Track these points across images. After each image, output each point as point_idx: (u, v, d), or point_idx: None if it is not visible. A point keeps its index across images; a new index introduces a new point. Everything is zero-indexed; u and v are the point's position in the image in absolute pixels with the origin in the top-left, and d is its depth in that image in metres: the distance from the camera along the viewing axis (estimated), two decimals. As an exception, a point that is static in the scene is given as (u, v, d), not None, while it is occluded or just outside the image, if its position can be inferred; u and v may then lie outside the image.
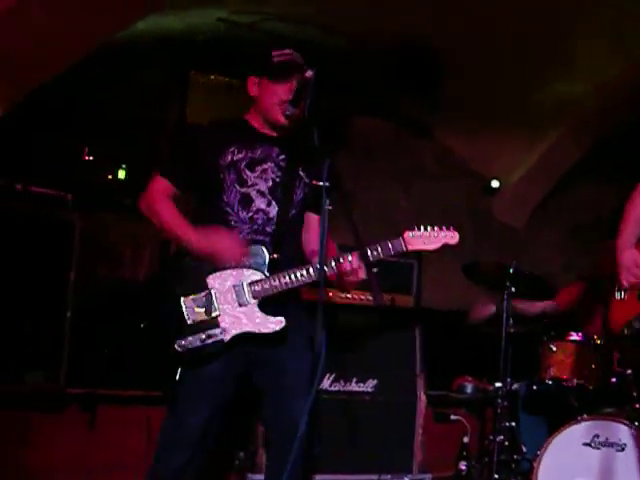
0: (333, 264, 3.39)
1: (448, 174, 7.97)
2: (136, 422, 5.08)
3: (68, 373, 4.97)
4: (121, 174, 6.40)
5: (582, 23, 5.70)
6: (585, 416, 4.69)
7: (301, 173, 3.63)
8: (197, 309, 3.43)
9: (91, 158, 5.98)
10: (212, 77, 6.92)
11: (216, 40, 6.31)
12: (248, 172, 3.53)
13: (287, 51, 3.58)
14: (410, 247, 3.48)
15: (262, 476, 4.85)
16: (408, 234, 3.49)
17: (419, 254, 4.36)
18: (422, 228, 3.50)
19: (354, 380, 5.16)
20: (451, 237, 3.53)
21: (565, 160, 7.86)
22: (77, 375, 5.06)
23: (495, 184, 7.96)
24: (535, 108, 7.13)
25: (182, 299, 3.44)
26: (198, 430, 3.46)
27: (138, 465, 4.92)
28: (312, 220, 3.69)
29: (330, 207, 3.04)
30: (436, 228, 3.51)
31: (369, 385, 5.19)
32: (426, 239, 3.49)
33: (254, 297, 3.43)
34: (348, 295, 5.13)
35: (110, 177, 6.37)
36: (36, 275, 4.79)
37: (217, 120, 3.74)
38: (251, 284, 3.44)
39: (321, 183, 3.06)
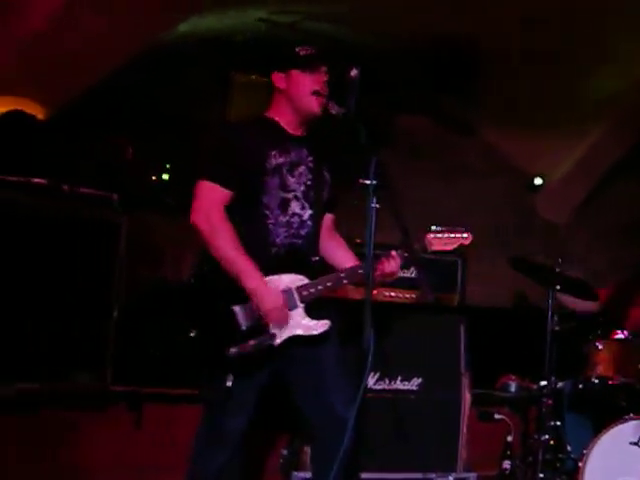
0: (359, 272, 3.47)
1: (492, 171, 7.95)
2: (183, 420, 5.11)
3: (114, 372, 5.01)
4: (165, 175, 6.45)
5: (626, 20, 5.63)
6: (632, 415, 4.64)
7: (325, 174, 3.65)
8: (248, 316, 3.44)
9: (135, 159, 6.02)
10: (253, 77, 6.94)
11: (256, 40, 6.33)
12: (289, 177, 3.54)
13: (310, 48, 3.58)
14: (433, 248, 3.65)
15: (307, 474, 4.88)
16: (430, 236, 3.64)
17: (461, 251, 4.35)
18: (442, 230, 3.66)
19: (399, 378, 5.14)
20: (465, 238, 3.71)
21: (608, 157, 7.80)
22: (123, 374, 5.10)
23: (538, 181, 7.91)
24: (578, 106, 7.09)
25: (234, 306, 3.44)
26: (239, 433, 3.51)
27: (185, 464, 4.98)
28: (326, 219, 3.74)
29: (378, 205, 3.05)
30: (451, 230, 3.68)
31: (414, 383, 5.17)
32: (446, 240, 3.66)
33: (302, 301, 3.46)
34: (392, 293, 5.14)
35: (154, 178, 6.41)
36: (83, 276, 4.83)
37: (252, 120, 3.70)
38: (298, 288, 3.46)
39: (368, 181, 3.06)
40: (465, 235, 3.71)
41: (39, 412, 4.69)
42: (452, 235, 3.68)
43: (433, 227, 3.66)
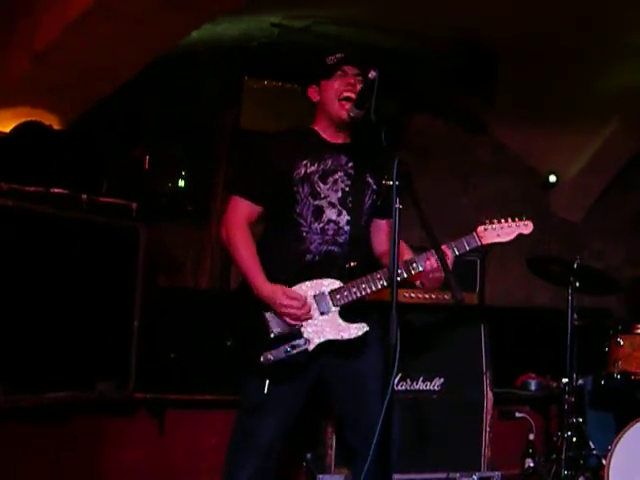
0: (414, 265, 3.42)
1: (506, 169, 7.94)
2: (205, 426, 5.14)
3: (137, 379, 5.03)
4: (181, 182, 6.46)
5: (638, 13, 5.62)
6: (656, 410, 4.65)
7: (369, 180, 3.64)
8: (280, 322, 3.45)
9: (152, 167, 6.04)
10: (265, 82, 6.95)
11: (270, 45, 6.34)
12: (321, 184, 3.54)
13: (339, 55, 3.61)
14: (485, 241, 3.48)
15: (332, 477, 4.90)
16: (481, 228, 3.48)
17: (481, 250, 4.34)
18: (495, 221, 3.50)
19: (420, 379, 5.15)
20: (525, 226, 3.52)
21: (622, 153, 7.77)
22: (145, 381, 5.12)
23: (553, 179, 7.89)
24: (591, 101, 7.06)
25: (265, 313, 3.46)
26: (269, 439, 3.51)
27: (207, 470, 5.01)
28: (380, 224, 3.72)
29: (401, 206, 3.05)
30: (509, 220, 3.51)
31: (436, 384, 5.18)
32: (500, 231, 3.48)
33: (335, 305, 3.46)
34: (412, 294, 5.14)
35: (170, 185, 6.43)
36: (104, 285, 4.85)
37: (286, 130, 3.73)
38: (331, 293, 3.46)
39: (391, 182, 3.06)
40: (525, 223, 3.52)
41: (66, 420, 4.73)
42: (508, 225, 3.50)
43: (491, 219, 3.50)
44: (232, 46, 6.37)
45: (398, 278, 3.33)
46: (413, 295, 5.14)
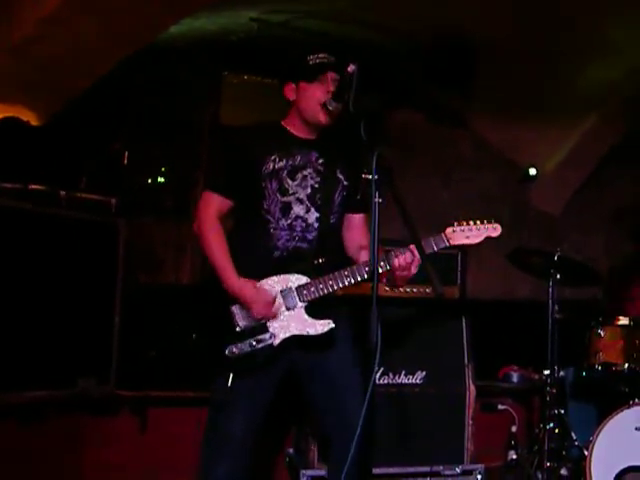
0: (384, 261, 3.39)
1: (486, 164, 7.95)
2: (188, 423, 5.10)
3: (118, 377, 5.02)
4: (160, 178, 6.44)
5: (620, 9, 5.64)
6: (636, 400, 4.67)
7: (340, 176, 3.64)
8: (246, 315, 3.47)
9: (131, 162, 6.02)
10: (245, 77, 6.93)
11: (249, 40, 6.32)
12: (289, 181, 3.55)
13: (321, 55, 3.58)
14: (453, 242, 3.49)
15: (315, 472, 4.89)
16: (449, 230, 3.49)
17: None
18: (464, 223, 3.50)
19: (402, 372, 5.16)
20: (493, 229, 3.52)
21: (600, 147, 7.80)
22: (127, 378, 5.11)
23: (532, 172, 7.92)
24: (570, 96, 7.09)
25: (231, 306, 3.48)
26: (240, 435, 3.50)
27: (190, 467, 4.99)
28: (352, 219, 3.72)
29: (380, 200, 3.04)
30: (478, 222, 3.51)
31: (418, 377, 5.18)
32: (468, 233, 3.50)
33: (302, 301, 3.47)
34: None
35: (150, 181, 6.41)
36: (83, 281, 4.83)
37: (256, 125, 3.72)
38: (298, 288, 3.47)
39: (370, 176, 3.05)
40: (495, 226, 3.53)
41: (46, 419, 4.70)
42: (477, 227, 3.51)
43: (460, 220, 3.51)
44: (211, 41, 6.34)
45: (359, 279, 3.41)
46: (395, 290, 5.13)
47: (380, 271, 3.34)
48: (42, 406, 4.63)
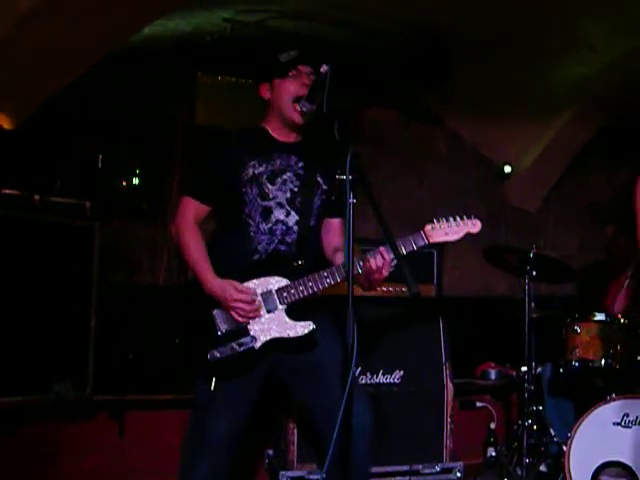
0: (361, 263, 3.38)
1: (461, 161, 7.96)
2: (167, 426, 5.09)
3: (95, 381, 4.99)
4: (135, 180, 6.41)
5: (592, 6, 5.66)
6: (614, 395, 4.69)
7: (319, 179, 3.64)
8: (227, 319, 3.46)
9: (106, 165, 5.98)
10: (219, 78, 6.92)
11: (223, 40, 6.30)
12: (269, 185, 3.55)
13: (292, 52, 3.60)
14: (432, 240, 3.45)
15: (294, 473, 4.89)
16: (428, 227, 3.45)
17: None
18: (443, 220, 3.46)
19: (380, 372, 5.16)
20: (472, 225, 3.48)
21: (576, 142, 7.83)
22: (104, 382, 5.07)
23: (508, 169, 7.94)
24: (544, 93, 7.12)
25: (213, 310, 3.47)
26: (225, 438, 3.50)
27: (170, 470, 4.96)
28: (331, 223, 3.72)
29: (354, 201, 3.04)
30: (457, 218, 3.48)
31: (396, 376, 5.19)
32: (447, 230, 3.45)
33: (282, 303, 3.46)
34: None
35: (125, 183, 6.38)
36: (59, 285, 4.80)
37: (236, 131, 3.70)
38: (278, 291, 3.46)
39: (344, 177, 3.05)
40: (472, 222, 3.47)
41: (21, 425, 4.66)
42: (457, 224, 3.46)
43: (439, 217, 3.46)
44: (185, 41, 6.31)
45: (339, 279, 3.39)
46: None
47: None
48: (16, 412, 4.59)
